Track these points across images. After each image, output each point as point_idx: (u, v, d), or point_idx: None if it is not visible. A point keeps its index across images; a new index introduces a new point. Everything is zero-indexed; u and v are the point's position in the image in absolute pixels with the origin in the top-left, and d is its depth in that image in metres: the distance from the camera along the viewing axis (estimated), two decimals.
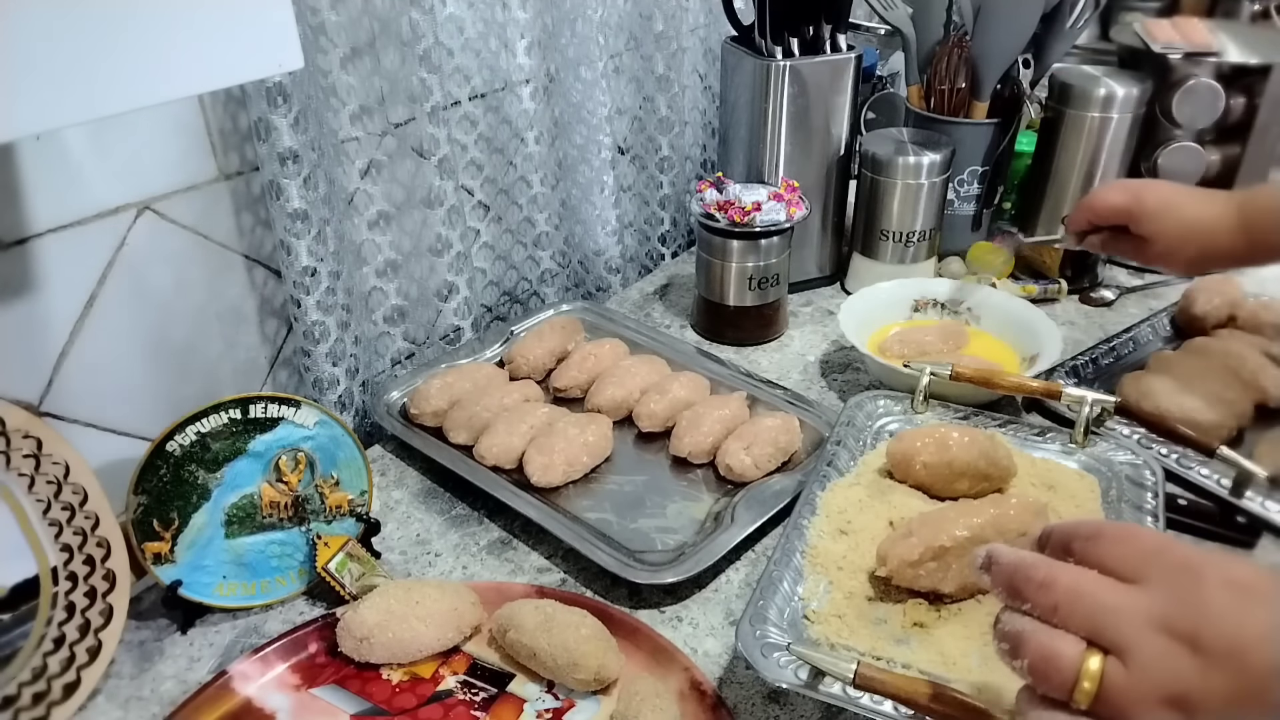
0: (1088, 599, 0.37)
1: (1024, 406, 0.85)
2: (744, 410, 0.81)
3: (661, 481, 0.77)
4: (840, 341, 0.98)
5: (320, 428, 0.68)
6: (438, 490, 0.79)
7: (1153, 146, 1.03)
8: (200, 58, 0.44)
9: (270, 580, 0.67)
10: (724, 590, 0.68)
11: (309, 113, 0.72)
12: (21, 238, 0.63)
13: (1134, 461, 0.69)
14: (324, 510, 0.69)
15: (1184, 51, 1.00)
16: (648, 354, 0.90)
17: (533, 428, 0.79)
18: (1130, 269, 1.10)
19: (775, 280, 0.95)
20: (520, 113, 0.94)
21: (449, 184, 0.87)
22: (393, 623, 0.60)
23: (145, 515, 0.63)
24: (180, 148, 0.70)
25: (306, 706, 0.59)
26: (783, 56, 0.96)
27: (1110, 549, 0.39)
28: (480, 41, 0.89)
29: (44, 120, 0.40)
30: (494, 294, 1.02)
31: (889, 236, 1.02)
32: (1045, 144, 1.04)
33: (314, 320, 0.78)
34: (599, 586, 0.69)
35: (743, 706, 0.59)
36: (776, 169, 1.01)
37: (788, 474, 0.76)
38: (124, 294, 0.69)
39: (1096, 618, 0.37)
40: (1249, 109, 1.01)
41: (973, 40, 1.00)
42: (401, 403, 0.86)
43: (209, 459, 0.64)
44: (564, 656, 0.58)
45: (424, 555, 0.72)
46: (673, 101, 1.09)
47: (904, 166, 0.98)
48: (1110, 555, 0.38)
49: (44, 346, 0.66)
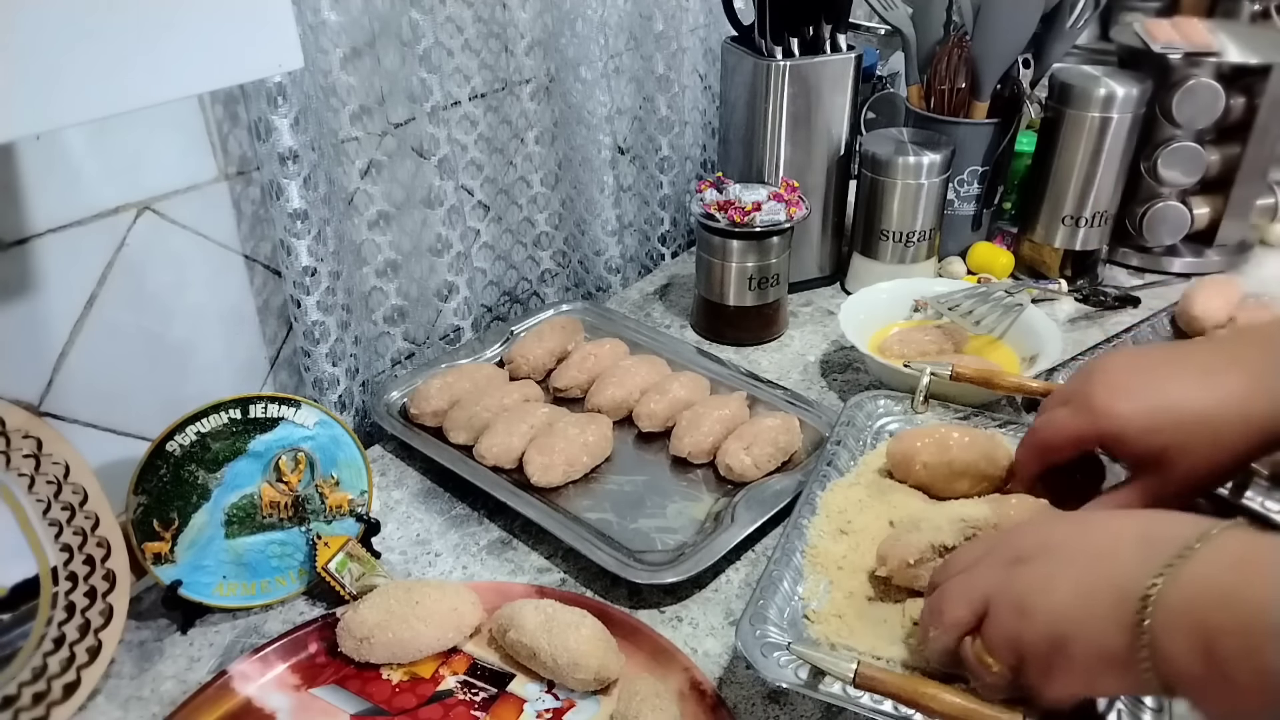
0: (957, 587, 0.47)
1: (1024, 406, 0.85)
2: (744, 410, 0.81)
3: (661, 481, 0.77)
4: (840, 341, 0.98)
5: (320, 428, 0.68)
6: (438, 490, 0.79)
7: (1153, 146, 1.03)
8: (200, 58, 0.44)
9: (270, 580, 0.67)
10: (724, 590, 0.68)
11: (309, 113, 0.72)
12: (21, 238, 0.63)
13: None
14: (324, 510, 0.69)
15: (1184, 51, 1.00)
16: (648, 354, 0.90)
17: (533, 428, 0.79)
18: (1130, 268, 1.10)
19: (775, 280, 0.95)
20: (520, 113, 0.94)
21: (449, 184, 0.87)
22: (393, 623, 0.60)
23: (145, 515, 0.63)
24: (180, 148, 0.70)
25: (306, 706, 0.59)
26: (783, 56, 0.96)
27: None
28: (480, 41, 0.89)
29: (44, 120, 0.40)
30: (494, 294, 1.02)
31: (889, 236, 1.02)
32: (1045, 144, 1.04)
33: (314, 320, 0.78)
34: (599, 586, 0.69)
35: (743, 706, 0.59)
36: (776, 169, 1.01)
37: (788, 474, 0.76)
38: (124, 294, 0.69)
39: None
40: (1249, 109, 1.01)
41: (973, 40, 1.00)
42: (401, 403, 0.86)
43: (209, 459, 0.64)
44: (564, 656, 0.58)
45: (424, 555, 0.72)
46: (673, 101, 1.09)
47: (904, 166, 0.98)
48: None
49: (44, 346, 0.66)
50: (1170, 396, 0.52)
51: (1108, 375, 0.55)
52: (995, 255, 1.06)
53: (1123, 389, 0.53)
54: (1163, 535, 0.40)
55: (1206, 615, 0.36)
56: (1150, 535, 0.41)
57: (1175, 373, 0.53)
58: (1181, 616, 0.37)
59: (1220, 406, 0.50)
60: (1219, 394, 0.51)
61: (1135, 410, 0.52)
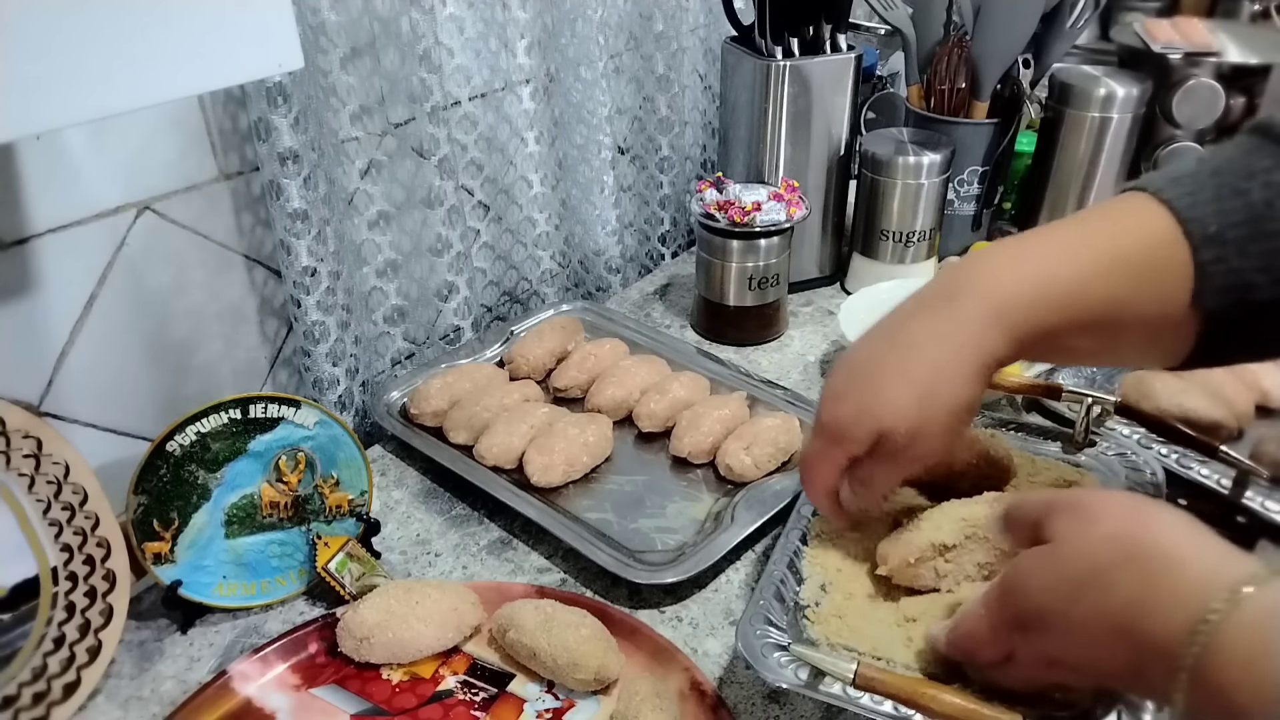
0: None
1: (1024, 406, 0.85)
2: (744, 410, 0.81)
3: (661, 481, 0.77)
4: (840, 341, 0.98)
5: (320, 428, 0.68)
6: (438, 490, 0.79)
7: (1153, 146, 1.03)
8: (200, 58, 0.44)
9: (270, 580, 0.67)
10: (724, 590, 0.68)
11: (309, 113, 0.72)
12: (21, 238, 0.63)
13: (1134, 461, 0.69)
14: (324, 510, 0.69)
15: (1184, 51, 1.00)
16: (648, 354, 0.90)
17: (533, 428, 0.79)
18: None
19: (775, 280, 0.95)
20: (520, 112, 0.94)
21: (449, 184, 0.87)
22: (393, 623, 0.60)
23: (145, 515, 0.63)
24: (180, 148, 0.70)
25: (306, 706, 0.59)
26: (783, 56, 0.96)
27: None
28: (480, 41, 0.89)
29: (44, 120, 0.40)
30: (494, 294, 1.02)
31: (889, 236, 1.02)
32: (1045, 144, 1.04)
33: (314, 320, 0.78)
34: (599, 586, 0.69)
35: (743, 706, 0.59)
36: (776, 169, 1.01)
37: (788, 474, 0.76)
38: (124, 294, 0.69)
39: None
40: (1249, 109, 1.01)
41: (973, 40, 1.00)
42: (401, 403, 0.86)
43: (209, 459, 0.64)
44: (564, 656, 0.58)
45: (424, 555, 0.72)
46: (673, 101, 1.09)
47: (904, 166, 0.98)
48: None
49: (44, 346, 0.66)
50: (878, 398, 0.53)
51: (827, 390, 0.56)
52: None
53: (836, 400, 0.55)
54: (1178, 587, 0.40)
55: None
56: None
57: (881, 364, 0.54)
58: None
59: (954, 357, 0.51)
60: (954, 345, 0.51)
61: (848, 414, 0.54)
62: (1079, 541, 0.44)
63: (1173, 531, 0.42)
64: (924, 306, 0.54)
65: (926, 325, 0.53)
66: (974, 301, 0.52)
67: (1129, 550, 0.42)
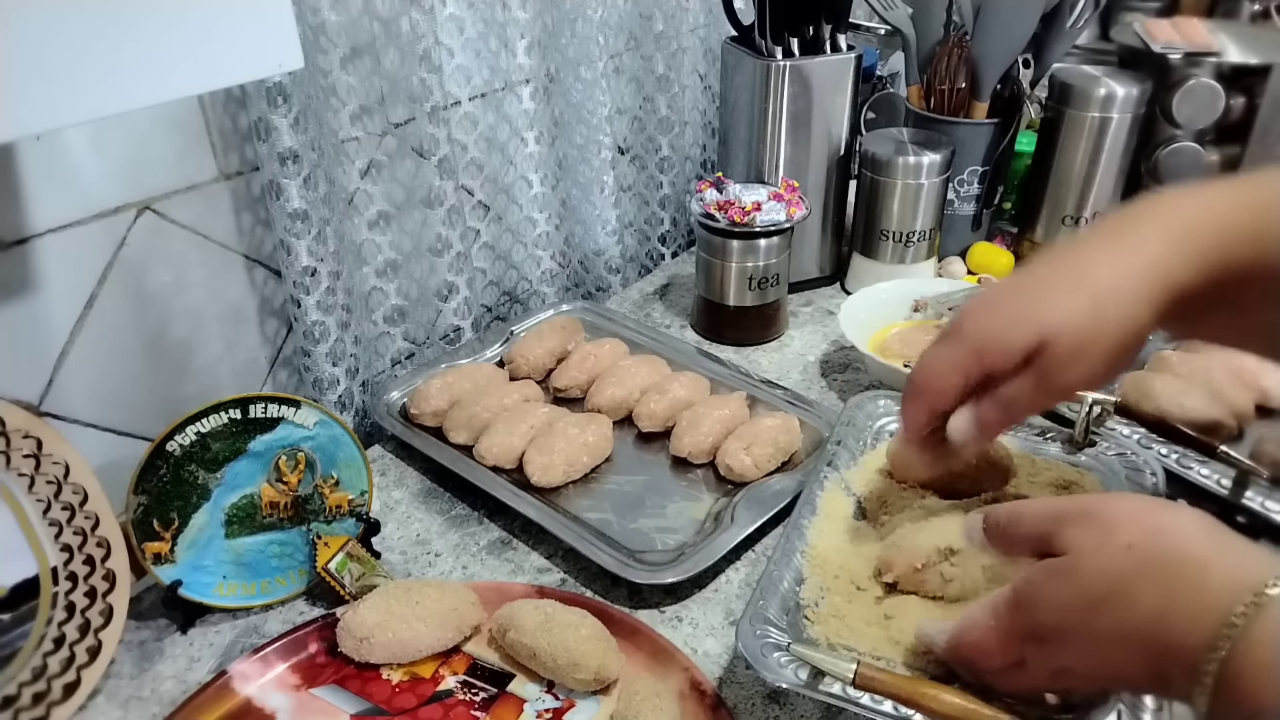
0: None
1: None
2: (744, 410, 0.81)
3: (661, 481, 0.77)
4: (840, 341, 0.98)
5: (320, 428, 0.68)
6: (438, 490, 0.79)
7: (1153, 146, 1.03)
8: (200, 58, 0.44)
9: (270, 580, 0.67)
10: (724, 590, 0.68)
11: (309, 113, 0.72)
12: (21, 238, 0.63)
13: (1134, 461, 0.69)
14: (324, 510, 0.69)
15: (1184, 51, 1.00)
16: (648, 354, 0.90)
17: (533, 428, 0.79)
18: None
19: (775, 280, 0.95)
20: (520, 112, 0.94)
21: (449, 184, 0.87)
22: (393, 623, 0.60)
23: (145, 515, 0.63)
24: (180, 148, 0.70)
25: (306, 706, 0.59)
26: (783, 56, 0.96)
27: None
28: (480, 41, 0.89)
29: (44, 120, 0.40)
30: (494, 294, 1.02)
31: (889, 236, 1.02)
32: (1045, 144, 1.04)
33: (314, 320, 0.78)
34: (599, 586, 0.69)
35: (743, 706, 0.59)
36: (776, 169, 1.01)
37: (788, 474, 0.76)
38: (124, 294, 0.69)
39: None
40: (1249, 109, 1.01)
41: (973, 40, 1.00)
42: (401, 403, 0.86)
43: (209, 459, 0.64)
44: (564, 656, 0.58)
45: (424, 555, 0.72)
46: (673, 101, 1.09)
47: (904, 166, 0.98)
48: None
49: (44, 346, 0.66)
50: (1045, 303, 0.48)
51: (977, 301, 0.52)
52: (995, 255, 1.06)
53: (990, 307, 0.51)
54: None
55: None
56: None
57: (1049, 275, 0.50)
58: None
59: (1134, 274, 0.47)
60: (1134, 263, 0.48)
61: (1005, 320, 0.49)
62: (1097, 556, 0.42)
63: (1190, 534, 0.41)
64: (1098, 233, 0.49)
65: (1104, 245, 0.48)
66: (1158, 225, 0.47)
67: (1148, 559, 0.41)
